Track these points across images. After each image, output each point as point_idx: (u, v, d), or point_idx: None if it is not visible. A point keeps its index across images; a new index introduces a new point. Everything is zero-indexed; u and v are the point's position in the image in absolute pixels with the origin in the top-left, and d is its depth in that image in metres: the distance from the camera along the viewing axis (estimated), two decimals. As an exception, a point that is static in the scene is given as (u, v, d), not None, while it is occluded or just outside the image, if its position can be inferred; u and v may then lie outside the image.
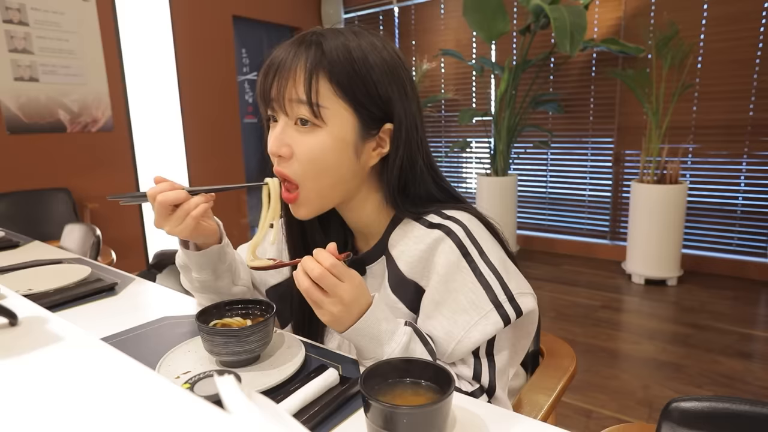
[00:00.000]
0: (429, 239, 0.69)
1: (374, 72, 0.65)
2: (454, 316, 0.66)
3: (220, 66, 3.88)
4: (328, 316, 0.62)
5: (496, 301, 0.65)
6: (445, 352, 0.67)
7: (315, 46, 0.64)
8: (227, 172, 4.02)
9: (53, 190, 2.95)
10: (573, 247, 3.95)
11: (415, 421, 0.46)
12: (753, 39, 3.03)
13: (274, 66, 0.65)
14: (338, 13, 4.65)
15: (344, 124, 0.65)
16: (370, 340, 0.63)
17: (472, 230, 0.68)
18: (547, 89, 3.85)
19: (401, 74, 0.68)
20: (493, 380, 0.67)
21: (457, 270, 0.66)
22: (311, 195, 0.69)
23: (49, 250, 1.40)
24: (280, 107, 0.66)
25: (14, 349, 0.44)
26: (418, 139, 0.70)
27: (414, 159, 0.70)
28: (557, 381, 0.85)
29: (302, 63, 0.63)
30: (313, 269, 0.60)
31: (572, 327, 2.57)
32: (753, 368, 2.12)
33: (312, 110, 0.64)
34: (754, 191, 3.21)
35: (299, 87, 0.63)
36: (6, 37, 2.76)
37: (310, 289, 0.61)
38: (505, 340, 0.69)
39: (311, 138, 0.65)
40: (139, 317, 0.85)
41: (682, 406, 0.58)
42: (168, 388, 0.34)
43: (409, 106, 0.68)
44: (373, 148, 0.69)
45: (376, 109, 0.67)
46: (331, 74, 0.63)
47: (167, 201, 0.66)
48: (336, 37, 0.65)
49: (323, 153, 0.65)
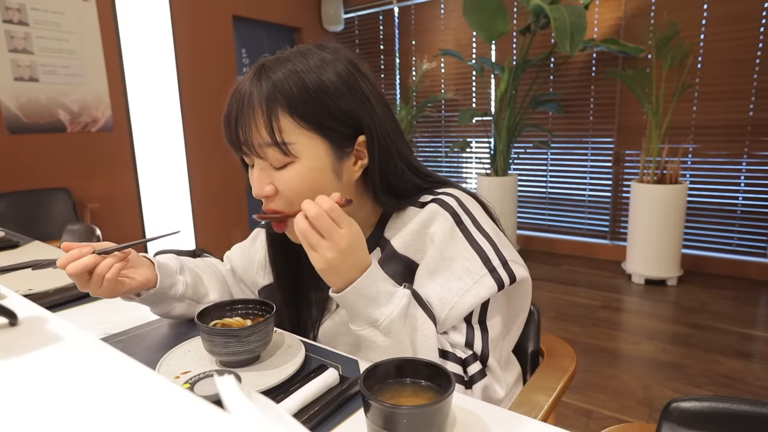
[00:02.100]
0: (423, 213, 0.70)
1: (329, 89, 0.64)
2: (449, 283, 0.67)
3: (220, 66, 3.88)
4: (322, 263, 0.60)
5: (489, 265, 0.66)
6: (438, 319, 0.67)
7: (266, 79, 0.64)
8: (227, 172, 4.02)
9: (53, 190, 2.95)
10: (573, 247, 3.95)
11: (415, 421, 0.46)
12: (753, 39, 3.03)
13: (233, 114, 0.66)
14: (338, 13, 4.65)
15: (316, 152, 0.65)
16: (368, 301, 0.61)
17: (464, 202, 0.71)
18: (547, 89, 3.85)
19: (359, 83, 0.67)
20: (486, 347, 0.67)
21: (451, 238, 0.68)
22: None
23: (49, 250, 1.40)
24: (251, 153, 0.66)
25: (14, 349, 0.44)
26: (391, 142, 0.70)
27: (392, 161, 0.70)
28: (557, 381, 0.85)
29: (257, 104, 0.63)
30: (310, 209, 0.59)
31: (572, 327, 2.57)
32: (753, 368, 2.12)
33: (281, 149, 0.64)
34: (754, 191, 3.21)
35: (262, 131, 0.63)
36: (6, 37, 2.76)
37: (306, 231, 0.59)
38: (497, 309, 0.69)
39: (289, 173, 0.65)
40: (139, 317, 0.85)
41: (682, 406, 0.58)
42: (168, 388, 0.34)
43: (375, 112, 0.68)
44: (353, 163, 0.69)
45: (344, 127, 0.66)
46: (289, 107, 0.63)
47: (77, 271, 0.65)
48: (283, 65, 0.64)
49: (303, 185, 0.66)
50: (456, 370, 0.66)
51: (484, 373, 0.67)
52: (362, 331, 0.64)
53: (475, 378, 0.67)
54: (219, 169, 3.95)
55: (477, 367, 0.67)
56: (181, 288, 0.78)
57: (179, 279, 0.78)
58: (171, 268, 0.78)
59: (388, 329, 0.62)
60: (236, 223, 4.08)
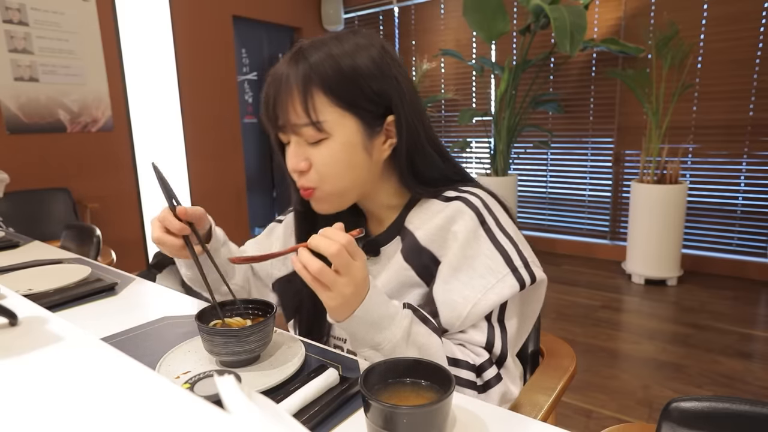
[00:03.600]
0: (449, 210, 0.72)
1: (363, 71, 0.67)
2: (471, 281, 0.68)
3: (220, 66, 3.88)
4: (338, 299, 0.57)
5: (512, 265, 0.68)
6: (460, 316, 0.67)
7: (303, 62, 0.66)
8: (227, 172, 4.02)
9: (53, 190, 2.95)
10: (573, 247, 3.95)
11: (415, 421, 0.46)
12: (753, 39, 3.03)
13: (272, 92, 0.69)
14: (338, 13, 4.65)
15: (348, 129, 0.68)
16: (369, 327, 0.61)
17: (488, 203, 0.72)
18: (547, 89, 3.85)
19: (390, 66, 0.70)
20: (505, 347, 0.68)
21: (475, 238, 0.69)
22: (332, 194, 0.72)
23: (49, 250, 1.40)
24: (288, 131, 0.70)
25: (14, 349, 0.44)
26: (419, 123, 0.72)
27: (419, 142, 0.73)
28: (557, 381, 0.85)
29: (295, 84, 0.66)
30: (329, 246, 0.55)
31: (572, 327, 2.57)
32: (753, 368, 2.12)
33: (315, 127, 0.67)
34: (754, 191, 3.21)
35: (298, 109, 0.66)
36: (6, 37, 2.76)
37: (322, 271, 0.56)
38: (513, 310, 0.71)
39: (323, 149, 0.69)
40: (139, 317, 0.85)
41: (682, 406, 0.58)
42: (168, 388, 0.34)
43: (404, 94, 0.71)
44: (383, 142, 0.72)
45: (374, 106, 0.69)
46: (324, 87, 0.66)
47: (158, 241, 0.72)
48: (319, 49, 0.67)
49: (336, 159, 0.69)
50: (468, 377, 0.65)
51: (500, 377, 0.67)
52: (364, 353, 0.63)
53: (492, 383, 0.66)
54: (219, 169, 3.95)
55: (493, 372, 0.66)
56: (221, 257, 0.81)
57: (221, 249, 0.82)
58: (220, 239, 0.82)
59: (391, 352, 0.61)
60: (236, 223, 4.08)
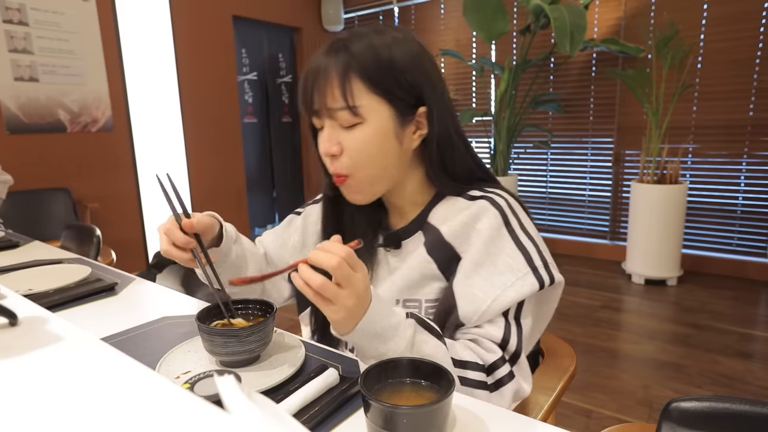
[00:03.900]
0: (474, 208, 0.74)
1: (399, 62, 0.70)
2: (492, 277, 0.69)
3: (220, 66, 3.88)
4: (342, 312, 0.58)
5: (532, 265, 0.70)
6: (479, 310, 0.68)
7: (343, 52, 0.70)
8: (227, 172, 4.02)
9: (53, 190, 2.95)
10: (573, 247, 3.95)
11: (415, 421, 0.46)
12: (753, 39, 3.03)
13: (311, 78, 0.72)
14: (338, 13, 4.65)
15: (381, 115, 0.71)
16: (373, 337, 0.61)
17: (512, 204, 0.75)
18: (547, 89, 3.85)
19: (424, 60, 0.73)
20: (520, 344, 0.69)
21: (498, 236, 0.71)
22: (363, 182, 0.74)
23: (49, 250, 1.40)
24: (323, 115, 0.72)
25: (14, 349, 0.44)
26: (449, 117, 0.76)
27: (449, 135, 0.76)
28: (557, 381, 0.85)
29: (334, 71, 0.69)
30: (329, 259, 0.56)
31: (572, 327, 2.57)
32: (753, 368, 2.12)
33: (351, 111, 0.69)
34: (754, 191, 3.20)
35: (336, 94, 0.69)
36: (6, 37, 2.76)
37: (324, 285, 0.56)
38: (530, 309, 0.72)
39: (356, 133, 0.71)
40: (139, 317, 0.85)
41: (682, 406, 0.58)
42: (168, 388, 0.34)
43: (436, 88, 0.74)
44: (413, 132, 0.74)
45: (407, 95, 0.72)
46: (362, 74, 0.69)
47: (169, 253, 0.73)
48: (360, 39, 0.71)
49: (368, 144, 0.71)
50: (477, 377, 0.66)
51: (512, 375, 0.67)
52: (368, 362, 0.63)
53: (504, 381, 0.67)
54: (219, 168, 3.95)
55: (506, 370, 0.67)
56: (232, 257, 0.83)
57: (233, 248, 0.83)
58: (231, 236, 0.84)
59: None
60: (236, 223, 4.06)
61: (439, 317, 0.72)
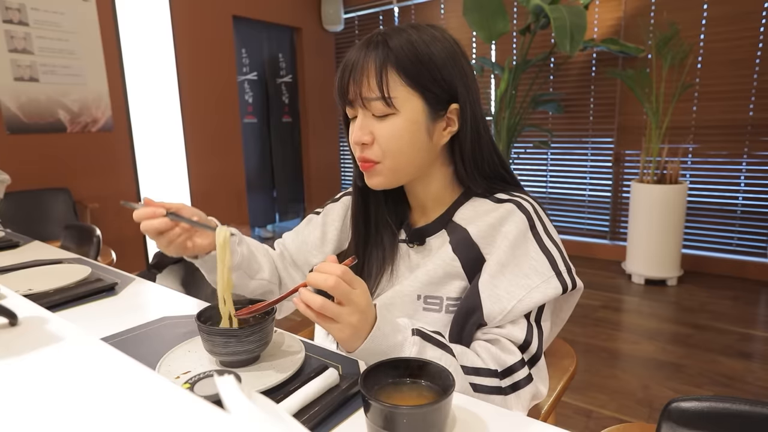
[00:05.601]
0: (501, 210, 0.75)
1: (435, 58, 0.72)
2: (517, 279, 0.70)
3: (220, 66, 3.88)
4: (348, 330, 0.59)
5: (556, 269, 0.71)
6: (504, 310, 0.69)
7: (382, 45, 0.71)
8: (227, 172, 4.02)
9: (53, 190, 2.95)
10: (573, 247, 3.95)
11: (415, 421, 0.46)
12: (753, 39, 3.03)
13: (348, 68, 0.73)
14: (338, 13, 4.65)
15: (414, 107, 0.72)
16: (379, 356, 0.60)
17: (538, 209, 0.76)
18: (547, 89, 3.85)
19: (460, 59, 0.75)
20: (541, 346, 0.70)
21: (524, 240, 0.73)
22: (389, 169, 0.75)
23: (49, 250, 1.40)
24: (357, 105, 0.73)
25: (14, 349, 0.44)
26: (481, 117, 0.77)
27: (480, 134, 0.77)
28: (557, 381, 0.85)
29: (372, 62, 0.71)
30: (326, 280, 0.57)
31: (572, 327, 2.57)
32: (753, 368, 2.12)
33: (385, 102, 0.71)
34: (754, 191, 3.21)
35: (372, 84, 0.71)
36: (6, 37, 2.76)
37: (325, 306, 0.57)
38: (549, 314, 0.73)
39: (388, 123, 0.72)
40: (139, 317, 0.85)
41: (682, 406, 0.58)
42: (168, 388, 0.34)
43: (469, 87, 0.75)
44: (443, 128, 0.76)
45: (441, 91, 0.73)
46: (398, 66, 0.71)
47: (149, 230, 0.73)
48: (399, 34, 0.72)
49: (400, 135, 0.72)
50: (491, 383, 0.66)
51: (530, 378, 0.68)
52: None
53: (521, 384, 0.67)
54: (219, 168, 3.95)
55: (524, 373, 0.67)
56: (237, 258, 0.82)
57: (236, 249, 0.83)
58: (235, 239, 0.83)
59: None
60: (236, 223, 4.08)
61: (461, 316, 0.72)
